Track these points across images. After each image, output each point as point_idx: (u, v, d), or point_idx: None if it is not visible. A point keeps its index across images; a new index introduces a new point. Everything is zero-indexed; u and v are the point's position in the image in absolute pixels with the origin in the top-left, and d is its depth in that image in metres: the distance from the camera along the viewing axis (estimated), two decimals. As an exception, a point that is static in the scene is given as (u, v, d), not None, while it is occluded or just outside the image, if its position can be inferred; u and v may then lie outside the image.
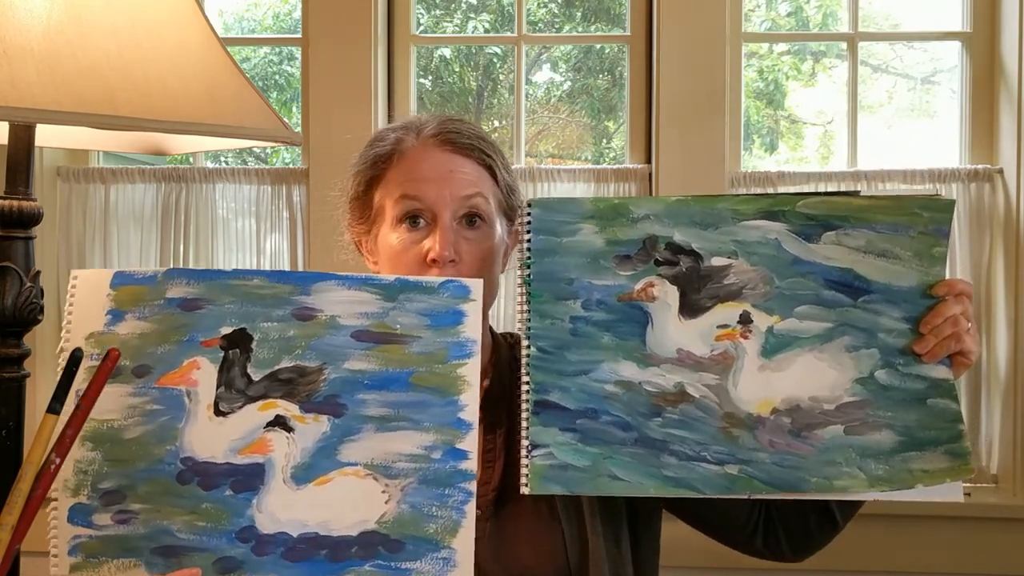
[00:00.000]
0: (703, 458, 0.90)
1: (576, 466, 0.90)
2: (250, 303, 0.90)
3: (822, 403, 0.90)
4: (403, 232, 1.05)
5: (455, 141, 1.06)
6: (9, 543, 0.92)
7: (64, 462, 0.87)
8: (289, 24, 3.18)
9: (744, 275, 0.92)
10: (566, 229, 0.94)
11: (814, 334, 0.91)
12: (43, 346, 2.15)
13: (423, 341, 0.89)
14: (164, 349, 0.90)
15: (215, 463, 0.88)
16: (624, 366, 0.92)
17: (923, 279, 0.92)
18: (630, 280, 0.92)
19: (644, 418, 0.91)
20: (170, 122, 0.93)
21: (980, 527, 2.00)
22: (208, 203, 2.16)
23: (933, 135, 2.48)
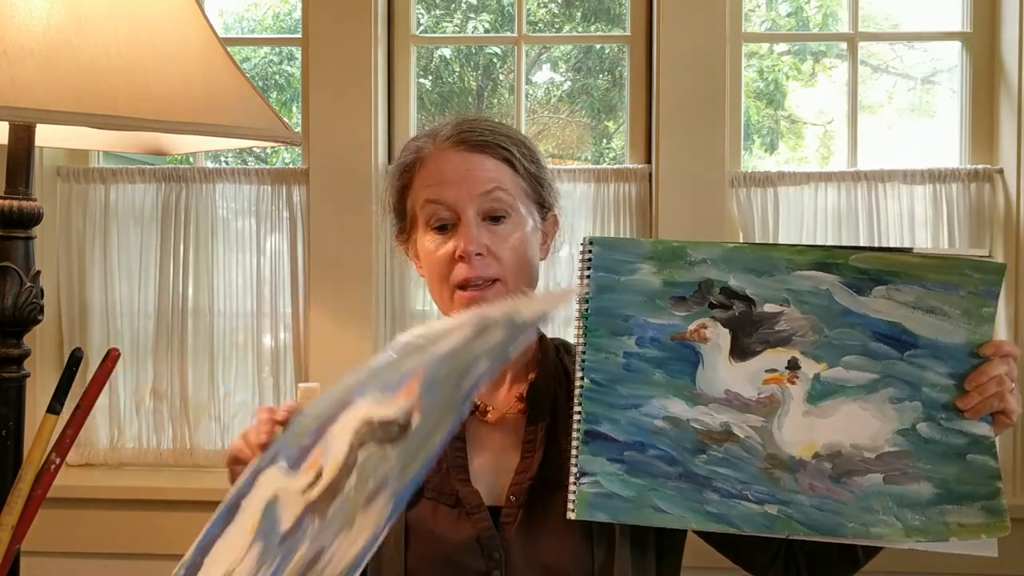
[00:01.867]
0: (744, 496, 0.93)
1: (621, 496, 0.94)
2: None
3: (863, 451, 0.93)
4: (433, 236, 1.09)
5: (469, 140, 1.09)
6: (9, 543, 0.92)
7: None
8: (289, 24, 3.18)
9: (795, 322, 0.95)
10: (625, 268, 0.97)
11: (859, 384, 0.94)
12: (43, 346, 2.15)
13: None
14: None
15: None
16: (673, 403, 0.95)
17: (971, 337, 0.94)
18: (684, 321, 0.96)
19: (690, 454, 0.94)
20: (170, 122, 0.93)
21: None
22: (208, 203, 2.16)
23: (933, 135, 2.48)
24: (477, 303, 1.04)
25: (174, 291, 2.16)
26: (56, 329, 2.17)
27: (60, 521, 2.05)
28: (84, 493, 2.08)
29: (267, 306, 2.16)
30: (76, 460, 2.18)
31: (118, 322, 2.17)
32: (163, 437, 2.18)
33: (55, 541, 2.06)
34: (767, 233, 2.09)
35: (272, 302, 2.16)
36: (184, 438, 2.17)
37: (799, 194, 2.09)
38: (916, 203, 2.08)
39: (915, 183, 2.07)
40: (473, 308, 1.03)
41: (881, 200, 2.07)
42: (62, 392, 0.98)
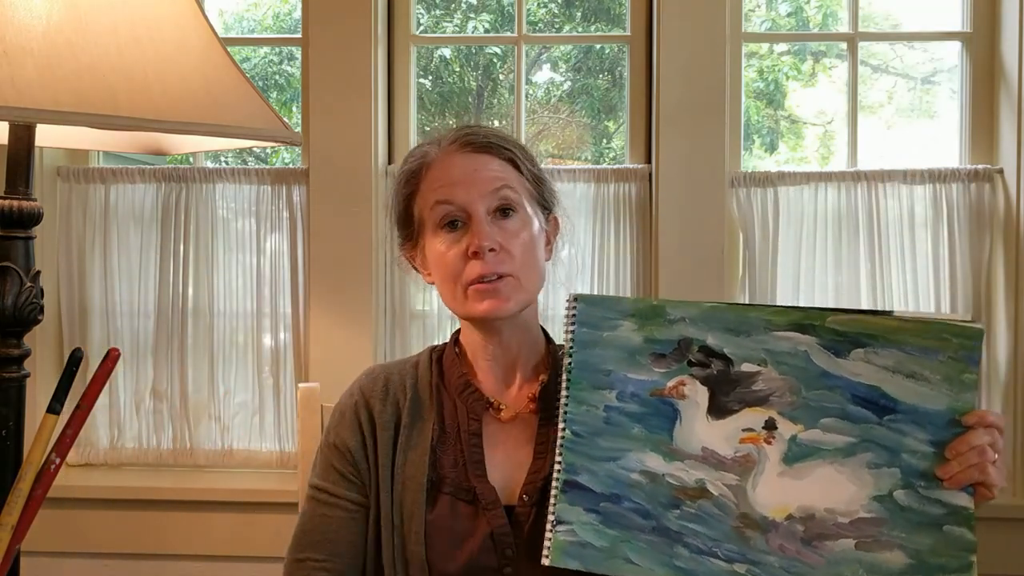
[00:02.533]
0: (714, 553, 0.93)
1: (595, 545, 0.95)
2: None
3: (837, 515, 0.92)
4: (444, 235, 1.10)
5: (473, 142, 1.12)
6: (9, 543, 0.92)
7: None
8: (289, 24, 3.18)
9: (772, 383, 0.95)
10: (608, 324, 1.00)
11: (837, 447, 0.93)
12: (43, 346, 2.15)
13: None
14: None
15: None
16: (650, 457, 0.97)
17: (952, 404, 0.92)
18: (663, 377, 0.98)
19: (663, 508, 0.95)
20: (170, 122, 0.93)
21: (980, 527, 1.99)
22: (208, 203, 2.16)
23: (933, 135, 2.48)
24: (491, 296, 1.07)
25: (174, 291, 2.16)
26: (56, 329, 2.17)
27: (60, 521, 2.06)
28: (84, 493, 2.08)
29: (267, 306, 2.16)
30: (76, 460, 2.18)
31: (118, 322, 2.17)
32: (163, 437, 2.18)
33: (55, 541, 2.06)
34: (767, 233, 2.09)
35: (272, 302, 2.16)
36: (184, 438, 2.17)
37: (799, 194, 2.09)
38: (916, 203, 2.08)
39: (915, 183, 2.07)
40: (488, 302, 1.07)
41: (881, 200, 2.07)
42: (62, 392, 0.98)
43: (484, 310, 1.07)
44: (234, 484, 2.10)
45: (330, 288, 2.09)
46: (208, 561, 2.09)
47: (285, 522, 2.04)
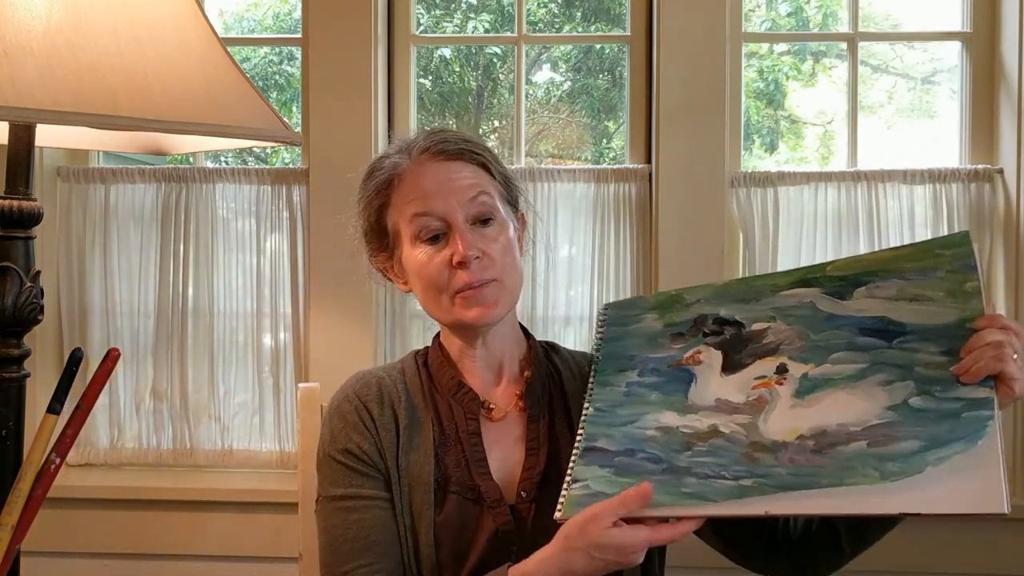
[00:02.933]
0: (721, 476, 0.93)
1: (607, 493, 0.95)
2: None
3: (849, 427, 0.91)
4: (425, 247, 1.10)
5: (445, 150, 1.12)
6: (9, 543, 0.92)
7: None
8: (289, 24, 3.18)
9: (781, 334, 0.99)
10: (633, 319, 1.10)
11: (848, 375, 0.94)
12: (43, 346, 2.15)
13: None
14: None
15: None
16: (666, 415, 1.00)
17: (962, 315, 0.93)
18: (681, 351, 1.04)
19: (676, 453, 0.97)
20: (170, 122, 0.93)
21: (980, 527, 2.00)
22: (208, 203, 2.16)
23: (933, 135, 2.48)
24: (479, 303, 1.08)
25: (174, 291, 2.16)
26: (56, 329, 2.17)
27: (60, 521, 2.05)
28: (84, 493, 2.08)
29: (267, 306, 2.16)
30: (76, 460, 2.18)
31: (118, 322, 2.17)
32: (163, 437, 2.18)
33: (55, 541, 2.06)
34: (767, 233, 2.09)
35: (272, 302, 2.16)
36: (184, 438, 2.17)
37: (799, 194, 2.09)
38: (916, 203, 2.08)
39: (915, 183, 2.07)
40: (476, 309, 1.07)
41: (881, 200, 2.07)
42: (62, 392, 0.98)
43: (473, 317, 1.08)
44: (234, 484, 2.10)
45: (330, 288, 2.09)
46: (208, 561, 2.09)
47: (285, 522, 2.04)
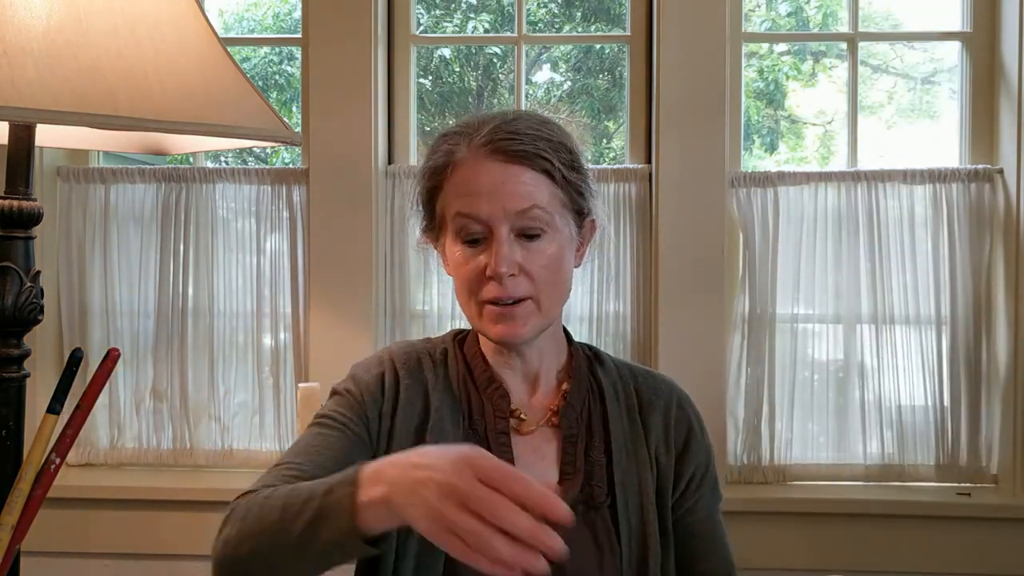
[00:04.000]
0: None
1: None
2: None
3: None
4: (464, 248, 1.03)
5: (506, 149, 1.02)
6: (9, 543, 0.92)
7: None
8: (289, 24, 3.18)
9: None
10: None
11: None
12: (43, 346, 2.15)
13: None
14: None
15: None
16: None
17: None
18: None
19: None
20: (170, 122, 0.93)
21: (980, 527, 2.00)
22: (208, 203, 2.16)
23: (933, 135, 2.48)
24: (506, 320, 1.01)
25: (174, 291, 2.16)
26: (56, 329, 2.17)
27: (60, 521, 2.05)
28: (84, 493, 2.08)
29: (267, 306, 2.16)
30: (76, 460, 2.18)
31: (118, 322, 2.17)
32: (163, 437, 2.18)
33: (55, 541, 2.06)
34: (767, 233, 2.09)
35: (272, 302, 2.16)
36: (184, 438, 2.17)
37: (799, 194, 2.09)
38: (916, 203, 2.08)
39: (915, 183, 2.07)
40: (501, 326, 1.00)
41: (881, 200, 2.07)
42: (62, 392, 0.98)
43: (498, 334, 1.02)
44: (234, 484, 2.09)
45: (330, 288, 2.09)
46: (208, 561, 2.08)
47: (285, 522, 2.04)
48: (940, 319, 2.07)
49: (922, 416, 2.08)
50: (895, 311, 2.08)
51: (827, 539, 2.00)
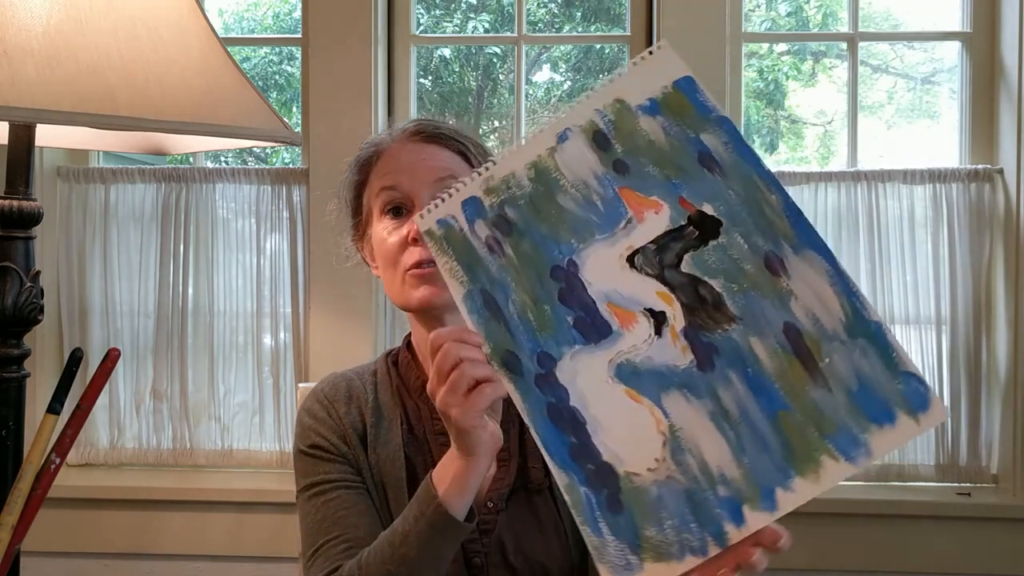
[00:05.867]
0: None
1: None
2: (748, 209, 0.84)
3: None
4: (387, 222, 1.09)
5: (425, 131, 1.12)
6: (9, 543, 0.92)
7: None
8: (289, 24, 3.18)
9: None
10: None
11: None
12: (43, 346, 2.15)
13: (830, 398, 0.79)
14: (652, 170, 0.87)
15: (586, 290, 0.85)
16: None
17: None
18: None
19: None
20: (170, 122, 0.93)
21: (980, 527, 2.00)
22: (208, 203, 2.16)
23: (933, 135, 2.48)
24: (428, 282, 1.05)
25: (174, 291, 2.16)
26: (56, 329, 2.17)
27: (60, 521, 2.05)
28: (84, 493, 2.08)
29: (267, 306, 2.16)
30: (76, 460, 2.18)
31: (118, 322, 2.17)
32: (163, 437, 2.18)
33: (55, 541, 2.06)
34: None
35: (272, 302, 2.16)
36: (184, 438, 2.17)
37: (799, 194, 2.09)
38: (916, 203, 2.08)
39: (915, 183, 2.07)
40: (424, 288, 1.04)
41: (881, 200, 2.07)
42: (62, 392, 0.98)
43: (420, 297, 1.06)
44: (234, 484, 2.10)
45: (330, 288, 2.09)
46: (208, 561, 2.09)
47: (285, 522, 2.04)
48: (940, 319, 2.07)
49: (922, 416, 2.08)
50: (895, 311, 2.07)
51: (826, 538, 2.00)
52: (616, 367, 0.83)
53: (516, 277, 0.87)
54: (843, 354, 0.80)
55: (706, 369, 0.81)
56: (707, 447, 0.80)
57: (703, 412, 0.81)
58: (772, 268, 0.82)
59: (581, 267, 0.86)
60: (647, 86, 0.89)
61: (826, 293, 0.81)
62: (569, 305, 0.85)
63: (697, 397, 0.81)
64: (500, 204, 0.89)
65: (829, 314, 0.80)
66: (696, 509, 0.79)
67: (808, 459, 0.78)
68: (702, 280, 0.83)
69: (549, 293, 0.85)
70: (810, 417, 0.79)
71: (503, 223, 0.88)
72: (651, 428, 0.81)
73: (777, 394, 0.80)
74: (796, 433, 0.79)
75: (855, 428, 0.78)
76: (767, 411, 0.80)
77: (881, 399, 0.78)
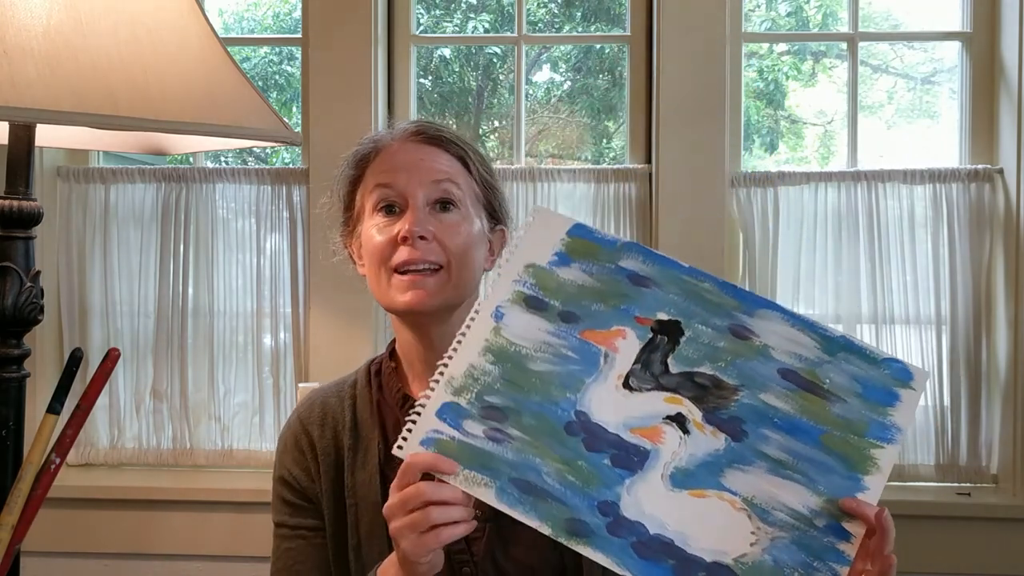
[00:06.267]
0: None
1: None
2: (694, 302, 0.93)
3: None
4: (379, 219, 1.06)
5: (427, 132, 1.10)
6: (9, 543, 0.92)
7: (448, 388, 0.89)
8: (289, 24, 3.18)
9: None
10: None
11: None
12: (43, 346, 2.15)
13: (847, 406, 0.89)
14: (598, 307, 0.93)
15: (606, 429, 0.88)
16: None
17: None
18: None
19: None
20: (170, 122, 0.93)
21: (980, 527, 2.00)
22: (208, 203, 2.16)
23: (933, 135, 2.48)
24: (415, 287, 1.02)
25: (174, 291, 2.16)
26: (56, 329, 2.17)
27: (60, 521, 2.05)
28: (84, 493, 2.08)
29: (267, 306, 2.16)
30: (76, 460, 2.18)
31: (118, 322, 2.17)
32: (163, 437, 2.18)
33: (55, 541, 2.06)
34: (767, 233, 2.09)
35: (272, 302, 2.16)
36: (184, 438, 2.17)
37: (799, 194, 2.09)
38: (916, 203, 2.08)
39: (915, 183, 2.07)
40: (411, 293, 1.01)
41: (881, 200, 2.07)
42: (62, 392, 0.98)
43: (406, 301, 1.02)
44: (234, 484, 2.10)
45: (330, 288, 2.09)
46: (208, 561, 2.09)
47: (285, 522, 2.04)
48: (940, 319, 2.07)
49: (922, 416, 2.08)
50: (895, 311, 2.08)
51: (827, 539, 2.01)
52: (670, 478, 0.86)
53: (537, 451, 0.87)
54: (835, 370, 0.90)
55: (741, 439, 0.88)
56: (785, 497, 0.86)
57: (762, 472, 0.87)
58: (740, 335, 0.91)
59: (590, 413, 0.88)
60: (545, 245, 0.95)
61: (791, 334, 0.91)
62: (600, 450, 0.87)
63: (750, 464, 0.87)
64: (478, 397, 0.89)
65: (804, 347, 0.91)
66: (809, 550, 0.85)
67: (863, 460, 0.87)
68: (693, 372, 0.90)
69: (575, 449, 0.87)
70: (844, 428, 0.88)
71: (493, 411, 0.88)
72: (730, 512, 0.86)
73: (809, 425, 0.88)
74: (843, 445, 0.88)
75: (879, 417, 0.89)
76: (812, 442, 0.88)
77: (881, 387, 0.90)
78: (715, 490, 0.86)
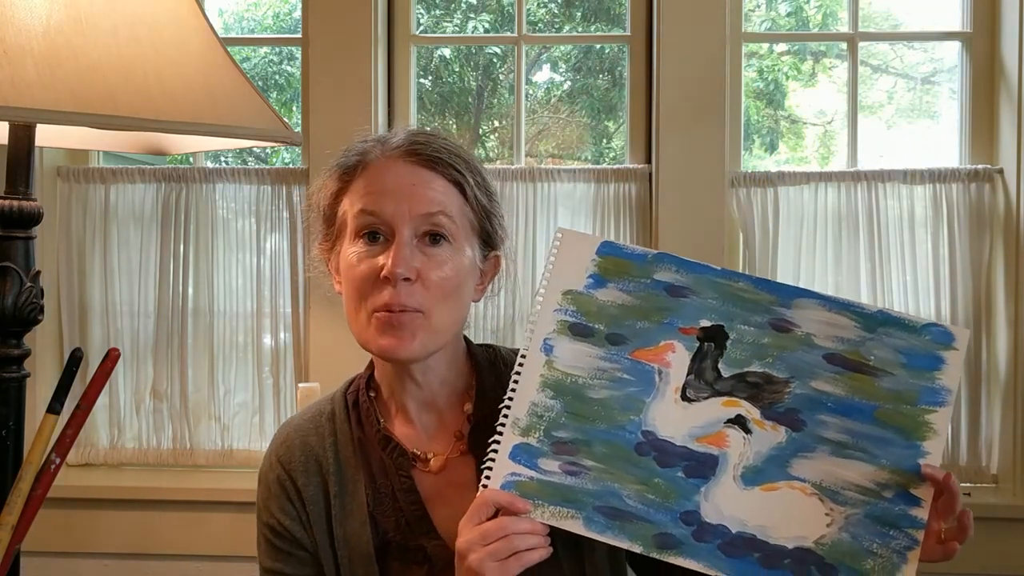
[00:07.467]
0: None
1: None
2: (732, 303, 0.94)
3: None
4: (360, 246, 0.98)
5: (420, 152, 0.99)
6: (9, 543, 0.92)
7: (509, 418, 0.92)
8: (289, 24, 3.18)
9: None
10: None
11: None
12: (43, 346, 2.15)
13: (895, 379, 0.92)
14: (642, 325, 0.94)
15: (673, 444, 0.91)
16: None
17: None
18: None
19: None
20: (170, 122, 0.93)
21: (980, 527, 1.99)
22: (208, 203, 2.16)
23: (933, 135, 2.48)
24: (394, 331, 0.95)
25: (174, 291, 2.16)
26: (56, 329, 2.17)
27: (60, 521, 2.05)
28: (84, 493, 2.08)
29: (267, 306, 2.16)
30: (76, 460, 2.18)
31: (118, 322, 2.17)
32: (163, 437, 2.18)
33: (55, 541, 2.06)
34: (767, 233, 2.09)
35: (272, 302, 2.16)
36: (184, 438, 2.17)
37: (799, 194, 2.09)
38: (916, 203, 2.08)
39: (915, 183, 2.07)
40: (388, 338, 0.95)
41: (881, 200, 2.07)
42: (62, 392, 0.98)
43: (383, 347, 0.96)
44: (234, 484, 2.10)
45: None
46: (208, 561, 2.09)
47: (285, 522, 2.04)
48: (940, 319, 2.07)
49: (922, 416, 2.08)
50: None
51: (827, 539, 2.01)
52: (741, 478, 0.91)
53: (614, 477, 0.91)
54: (878, 345, 0.92)
55: (800, 428, 0.91)
56: (851, 475, 0.90)
57: (826, 456, 0.90)
58: (782, 328, 0.94)
59: (656, 431, 0.92)
60: (578, 268, 0.96)
61: (830, 318, 0.93)
62: (672, 465, 0.91)
63: (812, 451, 0.91)
64: (546, 433, 0.92)
65: (844, 329, 0.93)
66: (883, 520, 0.89)
67: (919, 427, 0.91)
68: (744, 372, 0.93)
69: (649, 468, 0.91)
70: (896, 400, 0.91)
71: (564, 445, 0.92)
72: (802, 499, 0.90)
73: (862, 403, 0.91)
74: (897, 417, 0.91)
75: (927, 383, 0.92)
76: (867, 419, 0.91)
77: (924, 354, 0.92)
78: (785, 481, 0.90)
